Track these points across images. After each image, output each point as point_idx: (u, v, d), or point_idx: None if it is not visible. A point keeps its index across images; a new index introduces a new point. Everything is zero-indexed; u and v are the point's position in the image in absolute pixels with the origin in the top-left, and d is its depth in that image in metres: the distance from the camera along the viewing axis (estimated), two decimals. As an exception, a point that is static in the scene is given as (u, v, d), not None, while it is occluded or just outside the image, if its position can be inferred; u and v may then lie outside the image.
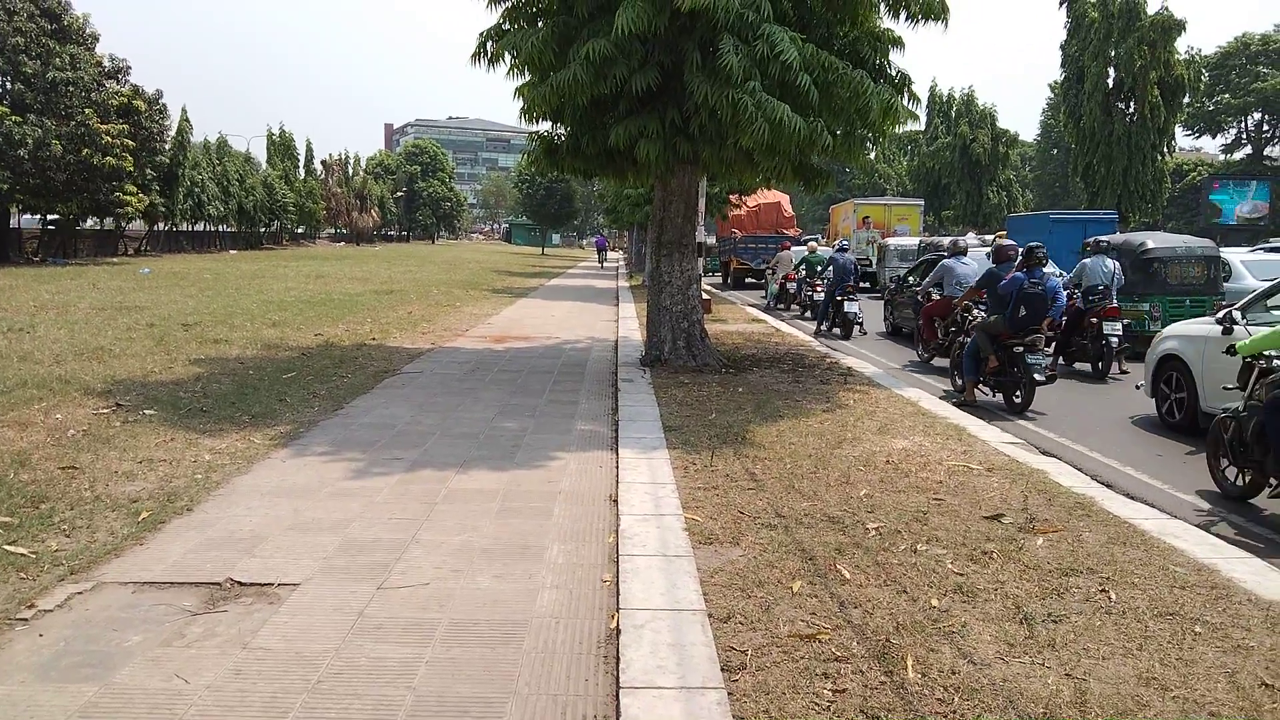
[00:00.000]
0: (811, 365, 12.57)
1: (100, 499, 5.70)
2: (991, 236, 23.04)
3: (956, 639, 3.96)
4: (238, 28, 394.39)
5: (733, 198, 30.16)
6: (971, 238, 21.85)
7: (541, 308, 22.55)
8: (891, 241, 29.45)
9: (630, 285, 32.73)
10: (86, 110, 32.29)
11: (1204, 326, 9.00)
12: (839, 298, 17.73)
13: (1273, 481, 6.36)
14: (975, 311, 11.63)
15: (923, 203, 43.39)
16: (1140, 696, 3.49)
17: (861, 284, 22.89)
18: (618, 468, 6.78)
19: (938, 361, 13.56)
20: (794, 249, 26.19)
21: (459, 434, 7.96)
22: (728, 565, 4.79)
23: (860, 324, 17.94)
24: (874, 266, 29.99)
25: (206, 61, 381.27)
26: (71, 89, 32.05)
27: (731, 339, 15.62)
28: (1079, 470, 7.24)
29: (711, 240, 37.70)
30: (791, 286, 23.43)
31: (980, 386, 10.60)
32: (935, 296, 13.69)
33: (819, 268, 20.85)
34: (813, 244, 26.15)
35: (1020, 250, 10.76)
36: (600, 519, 5.65)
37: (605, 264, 55.92)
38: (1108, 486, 6.76)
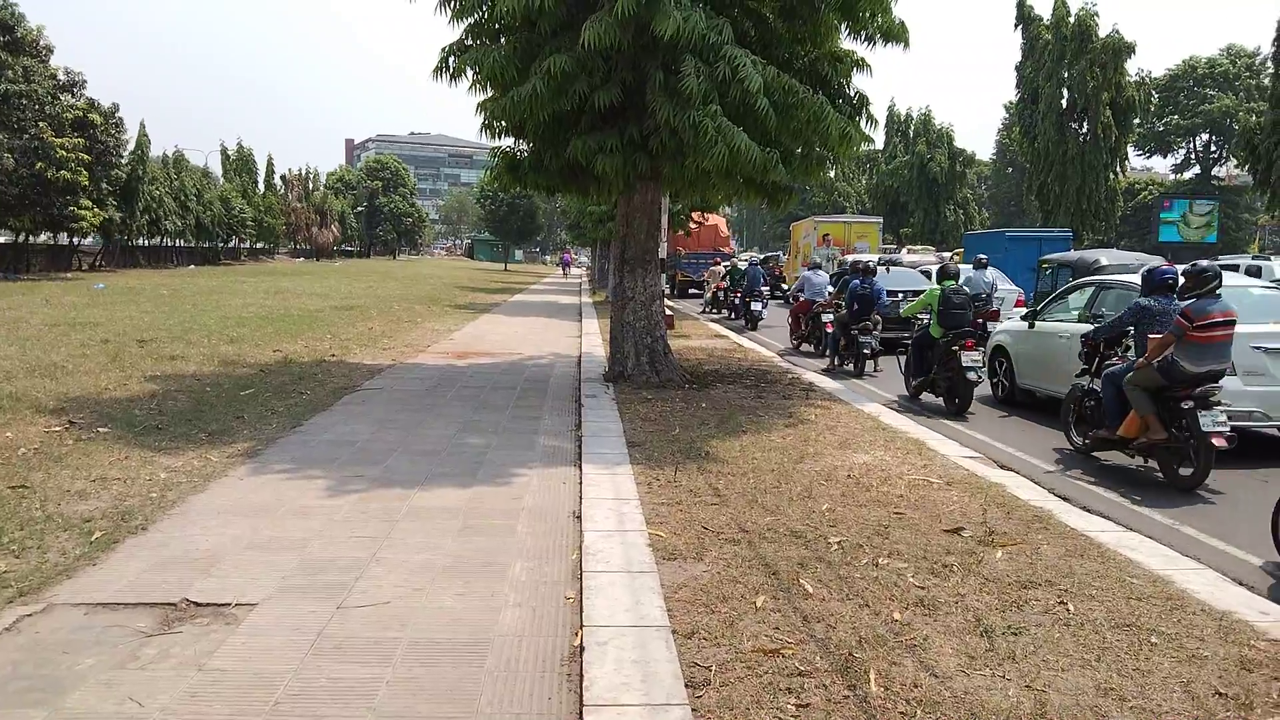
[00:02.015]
0: (774, 381, 12.64)
1: (51, 518, 5.58)
2: (950, 254, 23.71)
3: (918, 652, 3.99)
4: (195, 41, 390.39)
5: (694, 215, 31.45)
6: (931, 255, 24.64)
7: (504, 323, 22.48)
8: (851, 259, 29.72)
9: (593, 301, 32.75)
10: (40, 124, 31.78)
11: (1019, 324, 11.65)
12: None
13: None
14: (828, 311, 16.03)
15: (881, 220, 43.91)
16: (1099, 707, 3.54)
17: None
18: (581, 484, 6.76)
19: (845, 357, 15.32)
20: (723, 264, 31.21)
21: (421, 451, 7.90)
22: (691, 581, 4.79)
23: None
24: (834, 284, 30.49)
25: (163, 76, 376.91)
26: (25, 102, 31.53)
27: (695, 355, 15.67)
28: (1035, 483, 7.34)
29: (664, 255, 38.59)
30: (720, 294, 28.50)
31: (836, 358, 15.11)
32: (802, 299, 18.22)
33: (738, 277, 25.90)
34: (734, 260, 31.97)
35: (860, 265, 15.11)
36: (564, 535, 5.63)
37: (569, 276, 65.45)
38: (1064, 499, 6.85)
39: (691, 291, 38.71)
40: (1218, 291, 7.55)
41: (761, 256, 40.28)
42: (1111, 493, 7.49)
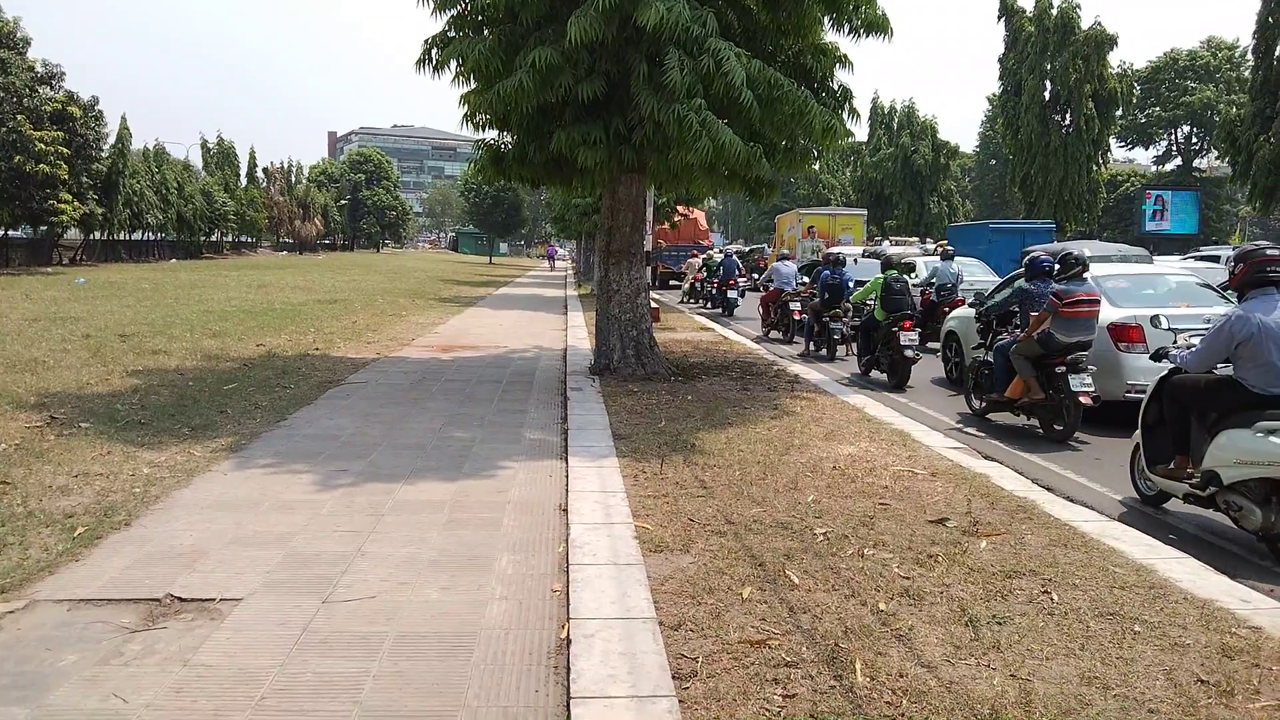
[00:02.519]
0: (759, 373, 12.66)
1: (33, 514, 5.53)
2: (933, 246, 24.06)
3: (904, 642, 4.01)
4: (176, 34, 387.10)
5: (680, 207, 31.72)
6: (915, 247, 25.67)
7: (489, 317, 22.43)
8: (835, 250, 29.85)
9: (579, 294, 32.71)
10: (18, 116, 31.48)
11: (968, 311, 12.22)
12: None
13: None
14: (795, 300, 17.85)
15: (866, 213, 44.08)
16: (1083, 695, 3.56)
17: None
18: (567, 476, 6.76)
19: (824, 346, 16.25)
20: (700, 257, 32.86)
21: (406, 445, 7.87)
22: (678, 573, 4.80)
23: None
24: (807, 274, 30.89)
25: (143, 68, 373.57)
26: (2, 95, 31.18)
27: (680, 347, 15.67)
28: (1020, 473, 7.38)
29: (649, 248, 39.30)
30: (698, 285, 30.65)
31: (811, 344, 16.05)
32: (771, 288, 19.51)
33: (714, 268, 27.99)
34: (710, 253, 32.81)
35: (830, 256, 16.39)
36: (550, 528, 5.63)
37: (555, 268, 66.67)
38: (1048, 490, 6.90)
39: (672, 283, 39.53)
40: (1084, 276, 9.12)
41: (748, 249, 40.78)
42: (1000, 444, 8.95)
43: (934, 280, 17.15)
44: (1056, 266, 9.30)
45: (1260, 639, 4.09)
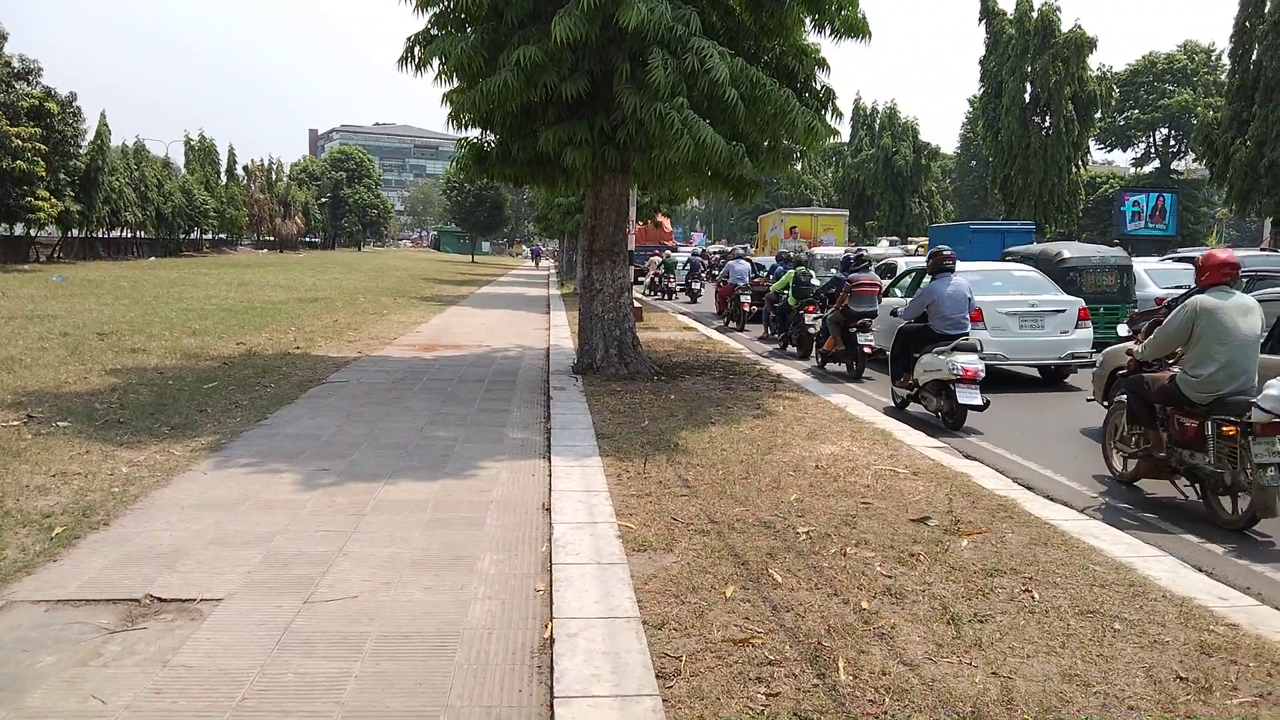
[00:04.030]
0: (742, 373, 12.68)
1: (10, 514, 5.48)
2: (914, 245, 24.51)
3: (886, 640, 4.03)
4: (156, 30, 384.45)
5: (661, 207, 32.21)
6: (897, 246, 27.62)
7: (471, 316, 22.37)
8: (818, 251, 30.01)
9: (562, 293, 32.67)
10: (-6, 112, 31.13)
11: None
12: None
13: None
14: (746, 294, 21.00)
15: (847, 213, 44.28)
16: (1064, 693, 3.59)
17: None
18: (550, 476, 6.75)
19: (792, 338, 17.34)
20: (660, 257, 37.65)
21: (387, 444, 7.84)
22: (661, 572, 4.80)
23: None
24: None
25: (122, 64, 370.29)
26: (-23, 90, 30.87)
27: (663, 347, 15.68)
28: (1000, 472, 7.43)
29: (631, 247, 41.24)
30: (657, 279, 35.35)
31: (768, 329, 18.78)
32: (727, 283, 22.18)
33: (671, 265, 34.76)
34: (667, 252, 38.73)
35: (783, 255, 19.41)
36: (533, 528, 5.62)
37: (539, 266, 69.13)
38: (1028, 488, 6.94)
39: (638, 279, 40.54)
40: (867, 267, 14.07)
41: (731, 248, 41.73)
42: (823, 383, 12.24)
43: (812, 273, 19.08)
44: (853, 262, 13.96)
45: (1238, 636, 4.13)
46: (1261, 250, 28.73)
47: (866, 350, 12.98)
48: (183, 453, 7.20)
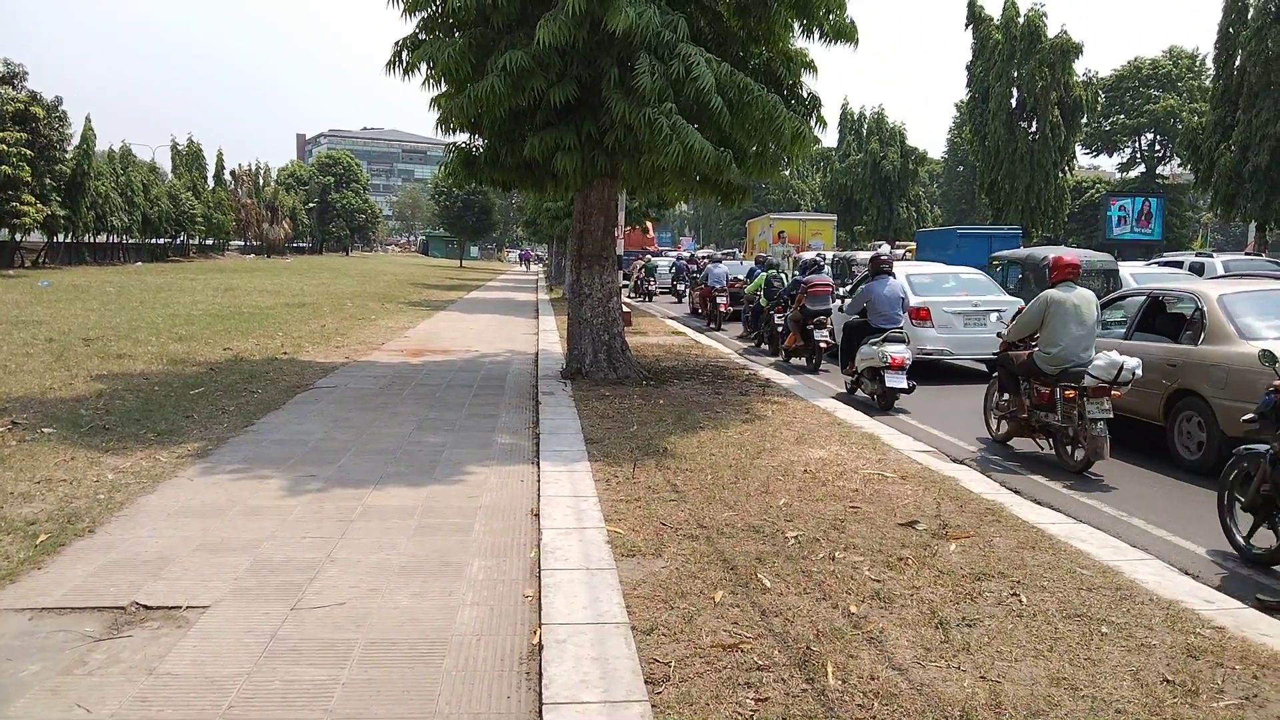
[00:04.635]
0: (731, 377, 12.69)
1: (-7, 522, 5.43)
2: (901, 250, 24.74)
3: (875, 644, 4.03)
4: (142, 33, 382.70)
5: (650, 212, 32.31)
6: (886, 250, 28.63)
7: (460, 321, 22.32)
8: (806, 255, 30.11)
9: (550, 298, 32.64)
10: (-22, 116, 30.94)
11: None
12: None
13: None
14: (722, 295, 22.68)
15: (835, 218, 44.41)
16: (1051, 696, 3.60)
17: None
18: (539, 481, 6.73)
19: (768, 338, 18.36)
20: (641, 261, 39.92)
21: (375, 450, 7.81)
22: (650, 577, 4.80)
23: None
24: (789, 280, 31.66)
25: (108, 68, 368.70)
26: (-39, 94, 30.67)
27: (652, 351, 15.68)
28: (986, 476, 7.46)
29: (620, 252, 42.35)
30: (638, 283, 37.54)
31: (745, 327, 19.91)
32: (704, 286, 24.24)
33: (652, 269, 37.30)
34: (648, 256, 41.22)
35: (761, 259, 20.62)
36: (522, 533, 5.61)
37: (529, 270, 69.54)
38: (1015, 492, 6.97)
39: (623, 283, 41.78)
40: (821, 268, 15.53)
41: (720, 254, 42.19)
42: (784, 374, 13.67)
43: (782, 277, 20.40)
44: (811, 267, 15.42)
45: (1224, 639, 4.16)
46: (1246, 254, 28.97)
47: (823, 345, 14.29)
48: (169, 459, 7.17)
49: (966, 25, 47.31)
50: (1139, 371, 7.61)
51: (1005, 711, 3.47)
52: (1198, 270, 18.74)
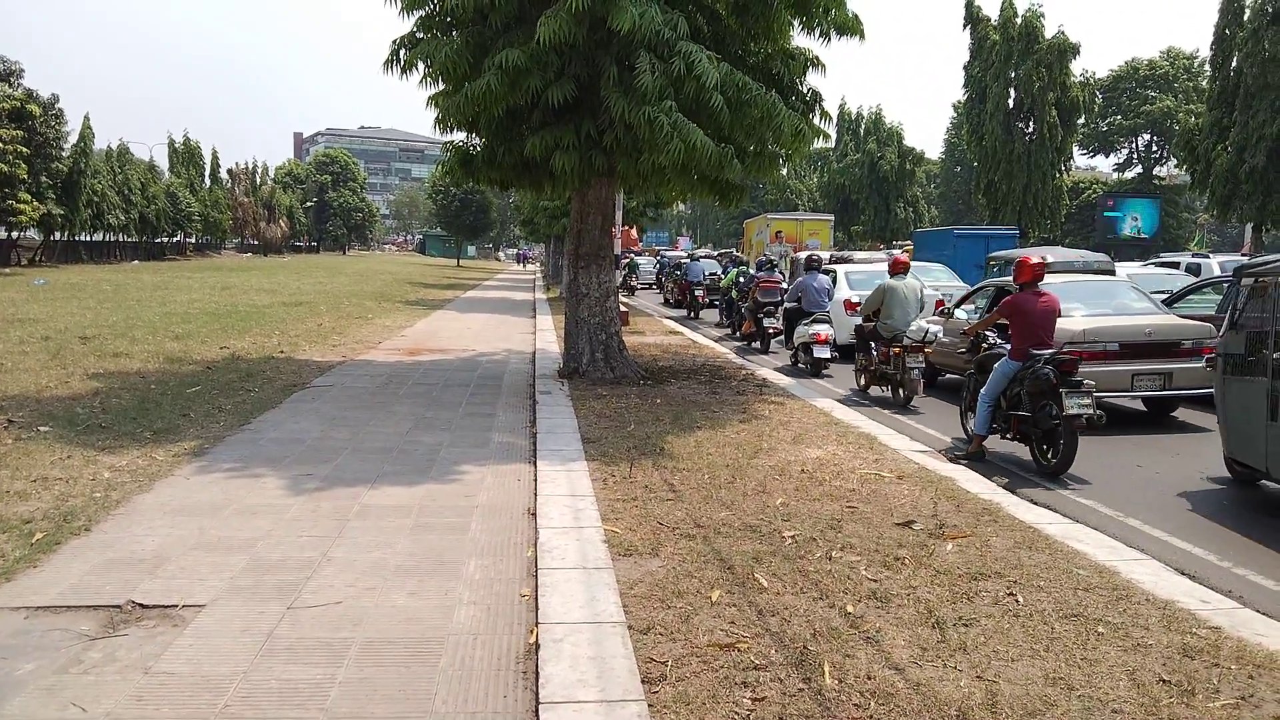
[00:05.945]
0: (728, 377, 12.69)
1: (-11, 520, 5.42)
2: (900, 249, 24.78)
3: (872, 644, 4.03)
4: (140, 31, 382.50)
5: (647, 211, 32.33)
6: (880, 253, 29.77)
7: (457, 320, 22.31)
8: (803, 255, 30.15)
9: (548, 297, 32.63)
10: (-26, 114, 30.89)
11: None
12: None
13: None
14: (700, 288, 26.32)
15: (833, 218, 44.40)
16: (1048, 696, 3.60)
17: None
18: (536, 480, 6.73)
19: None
20: (626, 260, 40.50)
21: (372, 449, 7.81)
22: (647, 576, 4.79)
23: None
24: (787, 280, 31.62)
25: (106, 66, 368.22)
26: (-43, 92, 30.62)
27: (649, 351, 15.68)
28: (983, 476, 7.46)
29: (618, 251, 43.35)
30: (624, 279, 36.62)
31: (724, 320, 22.50)
32: (686, 280, 27.37)
33: (635, 268, 40.34)
34: (631, 255, 42.52)
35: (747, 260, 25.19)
36: (518, 533, 5.60)
37: (525, 269, 73.01)
38: (1011, 493, 6.97)
39: None
40: (774, 268, 18.40)
41: (716, 253, 42.39)
42: (749, 357, 16.07)
43: (750, 271, 21.78)
44: (767, 265, 18.53)
45: (1220, 639, 4.16)
46: (1242, 255, 28.98)
47: (770, 331, 17.41)
48: (165, 457, 7.15)
49: (964, 25, 47.24)
50: (941, 335, 11.25)
51: (1002, 711, 3.48)
52: (1194, 270, 18.74)
